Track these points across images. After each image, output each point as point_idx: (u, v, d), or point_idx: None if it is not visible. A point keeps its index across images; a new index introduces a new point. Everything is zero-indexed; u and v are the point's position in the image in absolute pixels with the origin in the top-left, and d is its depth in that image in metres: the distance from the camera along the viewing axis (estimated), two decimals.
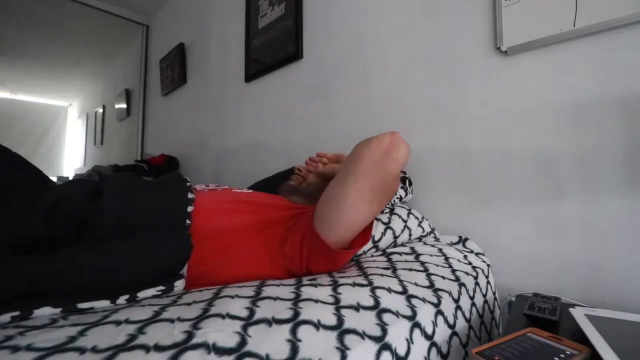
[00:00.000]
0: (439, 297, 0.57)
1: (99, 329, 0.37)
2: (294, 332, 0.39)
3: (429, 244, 0.89)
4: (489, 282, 0.81)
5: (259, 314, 0.42)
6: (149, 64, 3.25)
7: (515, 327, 0.53)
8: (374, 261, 0.75)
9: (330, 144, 1.41)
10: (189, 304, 0.45)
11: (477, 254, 0.89)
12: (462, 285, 0.67)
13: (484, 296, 0.76)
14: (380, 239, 0.83)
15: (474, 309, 0.68)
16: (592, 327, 0.46)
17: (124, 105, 3.58)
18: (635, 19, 0.73)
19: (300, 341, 0.37)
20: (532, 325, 0.53)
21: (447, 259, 0.79)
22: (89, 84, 4.71)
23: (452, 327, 0.57)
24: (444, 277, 0.67)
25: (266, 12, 1.77)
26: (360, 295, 0.51)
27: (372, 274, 0.63)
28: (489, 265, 0.87)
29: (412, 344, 0.46)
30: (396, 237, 0.87)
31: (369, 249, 0.82)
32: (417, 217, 0.97)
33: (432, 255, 0.80)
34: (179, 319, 0.39)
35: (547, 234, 0.85)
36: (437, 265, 0.73)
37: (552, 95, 0.86)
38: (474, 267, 0.79)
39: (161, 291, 0.52)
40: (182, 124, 2.62)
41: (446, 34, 1.08)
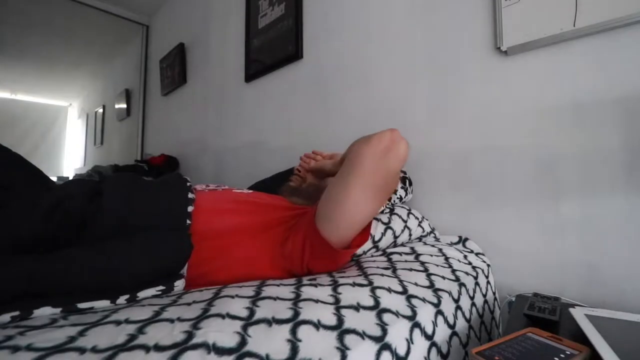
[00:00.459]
0: (439, 297, 0.57)
1: (99, 329, 0.37)
2: (294, 332, 0.39)
3: (429, 244, 0.89)
4: (489, 282, 0.81)
5: (259, 314, 0.42)
6: (149, 64, 3.25)
7: (515, 327, 0.53)
8: (374, 261, 0.75)
9: (330, 144, 1.41)
10: (189, 304, 0.45)
11: (477, 254, 0.89)
12: (462, 285, 0.67)
13: (484, 296, 0.76)
14: (380, 239, 0.83)
15: (474, 309, 0.68)
16: (592, 327, 0.46)
17: (124, 105, 3.58)
18: (635, 19, 0.73)
19: (300, 341, 0.37)
20: (532, 325, 0.53)
21: (447, 259, 0.79)
22: (89, 84, 4.70)
23: (452, 327, 0.57)
24: (444, 277, 0.67)
25: (266, 12, 1.77)
26: (360, 295, 0.51)
27: (372, 274, 0.63)
28: (489, 265, 0.87)
29: (412, 344, 0.46)
30: (396, 237, 0.87)
31: (369, 249, 0.82)
32: (417, 217, 0.97)
33: (432, 255, 0.80)
34: (179, 319, 0.39)
35: (547, 234, 0.85)
36: (437, 265, 0.73)
37: (552, 95, 0.86)
38: (474, 267, 0.79)
39: (161, 291, 0.52)
40: (182, 124, 2.62)
41: (446, 33, 1.08)
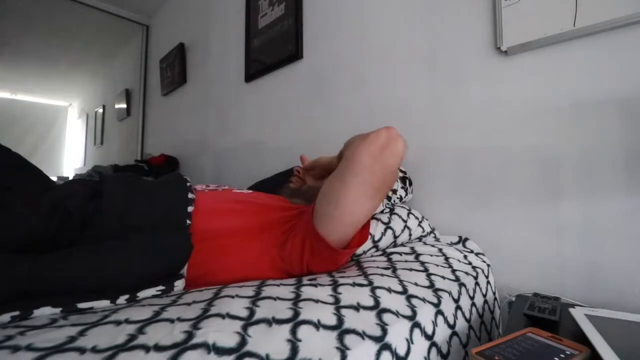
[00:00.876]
0: (439, 297, 0.57)
1: (99, 329, 0.37)
2: (294, 332, 0.39)
3: (429, 244, 0.89)
4: (489, 282, 0.81)
5: (259, 313, 0.42)
6: (149, 64, 3.25)
7: (515, 327, 0.53)
8: (374, 261, 0.75)
9: (330, 144, 1.40)
10: (189, 303, 0.45)
11: (477, 254, 0.89)
12: (462, 285, 0.67)
13: (484, 296, 0.76)
14: (380, 239, 0.83)
15: (474, 309, 0.68)
16: (592, 327, 0.46)
17: (124, 105, 3.58)
18: (635, 19, 0.73)
19: (300, 341, 0.37)
20: (532, 325, 0.53)
21: (447, 259, 0.79)
22: (89, 84, 4.71)
23: (452, 327, 0.57)
24: (444, 277, 0.67)
25: (266, 12, 1.77)
26: (360, 295, 0.51)
27: (372, 273, 0.63)
28: (489, 265, 0.87)
29: (412, 344, 0.46)
30: (396, 237, 0.87)
31: (369, 249, 0.82)
32: (417, 217, 0.97)
33: (432, 255, 0.80)
34: (179, 319, 0.39)
35: (547, 233, 0.85)
36: (437, 265, 0.73)
37: (552, 95, 0.86)
38: (474, 267, 0.79)
39: (161, 291, 0.52)
40: (182, 124, 2.62)
41: (446, 33, 1.08)
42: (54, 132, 5.25)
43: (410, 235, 0.92)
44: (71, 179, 2.73)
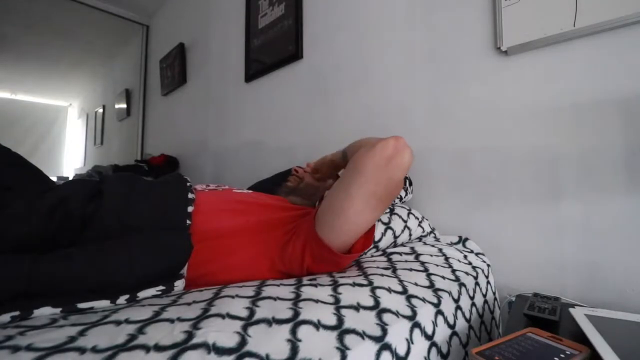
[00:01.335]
0: (439, 297, 0.57)
1: (99, 329, 0.37)
2: (294, 332, 0.39)
3: (429, 244, 0.89)
4: (489, 282, 0.81)
5: (259, 314, 0.42)
6: (149, 64, 3.25)
7: (515, 327, 0.53)
8: (374, 261, 0.75)
9: (330, 144, 1.40)
10: (189, 303, 0.45)
11: (477, 254, 0.89)
12: (462, 285, 0.67)
13: (484, 296, 0.76)
14: (380, 239, 0.83)
15: (474, 309, 0.68)
16: (592, 327, 0.46)
17: (124, 105, 3.58)
18: (635, 19, 0.73)
19: (300, 341, 0.37)
20: (532, 325, 0.53)
21: (447, 259, 0.79)
22: (89, 84, 4.70)
23: (452, 327, 0.57)
24: (444, 277, 0.67)
25: (266, 12, 1.77)
26: (360, 295, 0.51)
27: (372, 274, 0.63)
28: (489, 265, 0.87)
29: (412, 344, 0.46)
30: (396, 237, 0.87)
31: (369, 250, 0.82)
32: (417, 217, 0.97)
33: (432, 255, 0.80)
34: (179, 319, 0.39)
35: (547, 233, 0.85)
36: (437, 265, 0.73)
37: (552, 95, 0.86)
38: (474, 267, 0.79)
39: (161, 291, 0.52)
40: (182, 124, 2.62)
41: (446, 34, 1.08)
42: (54, 132, 5.25)
43: (410, 235, 0.92)
44: (71, 179, 2.73)
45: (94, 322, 0.38)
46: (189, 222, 0.63)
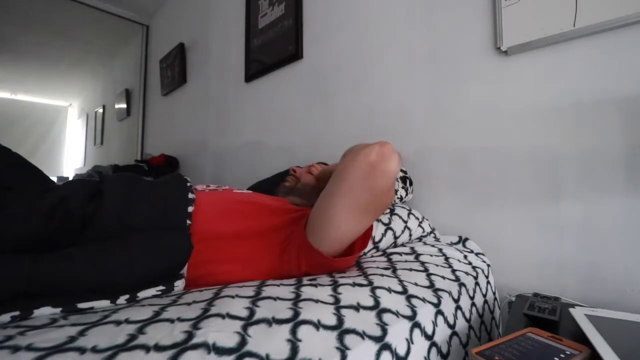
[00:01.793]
0: (439, 297, 0.57)
1: (99, 329, 0.37)
2: (294, 332, 0.39)
3: (429, 244, 0.89)
4: (489, 282, 0.81)
5: (259, 314, 0.42)
6: (149, 64, 3.25)
7: (515, 327, 0.53)
8: (374, 261, 0.75)
9: (330, 144, 1.41)
10: (189, 303, 0.45)
11: (477, 254, 0.89)
12: (462, 285, 0.67)
13: (484, 296, 0.76)
14: (380, 240, 0.83)
15: (474, 309, 0.68)
16: (592, 327, 0.46)
17: (124, 105, 3.58)
18: (635, 19, 0.73)
19: (300, 341, 0.37)
20: (532, 325, 0.53)
21: (447, 259, 0.79)
22: (89, 84, 4.70)
23: (452, 327, 0.57)
24: (444, 277, 0.67)
25: (266, 12, 1.77)
26: (360, 295, 0.51)
27: (372, 274, 0.63)
28: (489, 265, 0.87)
29: (412, 344, 0.46)
30: (396, 237, 0.87)
31: (369, 250, 0.81)
32: (417, 218, 0.97)
33: (432, 255, 0.80)
34: (179, 319, 0.39)
35: (547, 234, 0.85)
36: (437, 265, 0.73)
37: (552, 95, 0.86)
38: (474, 267, 0.79)
39: (161, 291, 0.52)
40: (182, 124, 2.62)
41: (446, 34, 1.08)
42: (54, 132, 5.25)
43: (410, 235, 0.92)
44: (71, 179, 2.73)
45: (94, 322, 0.38)
46: (189, 222, 0.63)
